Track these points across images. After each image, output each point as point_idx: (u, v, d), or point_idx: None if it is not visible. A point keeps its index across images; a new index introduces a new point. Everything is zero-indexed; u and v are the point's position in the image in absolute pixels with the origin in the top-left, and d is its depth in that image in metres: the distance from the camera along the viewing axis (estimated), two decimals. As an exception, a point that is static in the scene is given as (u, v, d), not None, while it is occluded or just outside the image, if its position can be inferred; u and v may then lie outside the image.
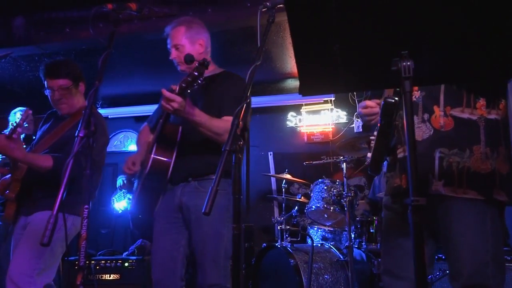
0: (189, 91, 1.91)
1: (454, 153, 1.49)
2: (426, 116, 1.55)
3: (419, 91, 1.58)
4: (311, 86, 1.31)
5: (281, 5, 1.74)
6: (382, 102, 1.52)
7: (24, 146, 2.66)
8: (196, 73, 1.87)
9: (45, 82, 2.49)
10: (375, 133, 1.73)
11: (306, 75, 1.28)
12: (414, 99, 1.58)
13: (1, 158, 3.84)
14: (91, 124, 1.47)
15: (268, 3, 1.73)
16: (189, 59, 2.00)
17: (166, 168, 2.08)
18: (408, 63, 1.12)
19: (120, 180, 2.48)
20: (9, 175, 2.50)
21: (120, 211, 3.03)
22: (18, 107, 4.06)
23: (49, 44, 3.95)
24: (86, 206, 1.41)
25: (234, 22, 3.58)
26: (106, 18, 3.62)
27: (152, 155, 2.07)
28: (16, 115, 3.98)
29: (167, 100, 1.90)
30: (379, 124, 1.62)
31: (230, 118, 1.83)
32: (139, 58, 4.59)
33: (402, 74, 1.12)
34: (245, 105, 1.44)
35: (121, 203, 2.83)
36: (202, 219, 2.06)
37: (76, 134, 1.44)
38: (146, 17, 3.27)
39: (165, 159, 2.09)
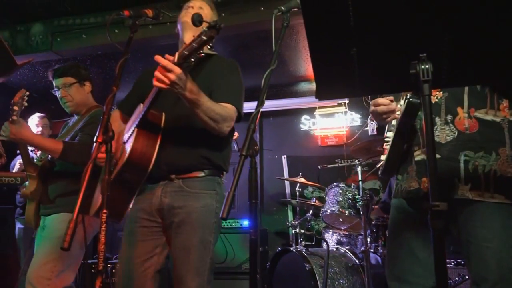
0: (192, 60, 1.51)
1: (480, 156, 1.46)
2: (449, 117, 1.52)
3: (442, 92, 1.55)
4: (328, 90, 1.30)
5: (295, 9, 1.74)
6: (406, 102, 1.49)
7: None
8: (204, 38, 1.46)
9: (54, 83, 2.59)
10: (389, 133, 1.71)
11: (323, 79, 1.27)
12: (436, 100, 1.56)
13: (19, 163, 3.92)
14: (109, 129, 1.48)
15: (282, 7, 1.72)
16: (197, 19, 1.56)
17: (147, 161, 1.69)
18: (427, 66, 1.10)
19: None
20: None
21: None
22: (35, 112, 4.14)
23: (66, 50, 4.01)
24: (105, 211, 1.41)
25: (247, 26, 3.59)
26: (122, 24, 3.69)
27: (131, 144, 1.69)
28: (33, 120, 4.06)
29: (163, 70, 1.51)
30: (397, 123, 1.59)
31: (227, 105, 1.77)
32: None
33: (421, 77, 1.11)
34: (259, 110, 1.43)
35: None
36: (186, 224, 1.74)
37: (94, 140, 1.45)
38: (160, 22, 3.31)
39: (146, 150, 1.70)
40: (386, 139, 1.73)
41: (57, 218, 2.37)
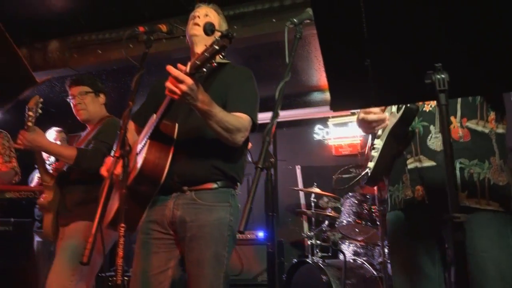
0: (204, 70, 1.48)
1: (475, 164, 1.47)
2: None
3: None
4: (343, 102, 1.30)
5: (307, 21, 1.74)
6: (404, 108, 1.51)
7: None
8: (216, 47, 1.42)
9: (69, 91, 2.63)
10: (377, 141, 1.70)
11: (337, 90, 1.27)
12: (430, 108, 1.57)
13: (37, 177, 3.99)
14: (126, 143, 1.50)
15: (295, 20, 1.72)
16: (209, 28, 1.53)
17: (160, 172, 1.67)
18: (443, 76, 1.09)
19: None
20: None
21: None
22: (53, 126, 4.22)
23: (82, 65, 4.10)
24: (122, 225, 1.42)
25: (259, 38, 3.62)
26: (136, 39, 3.75)
27: (144, 156, 1.67)
28: (51, 134, 4.14)
29: (175, 80, 1.49)
30: (391, 130, 1.59)
31: (242, 115, 1.75)
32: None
33: (436, 87, 1.10)
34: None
35: None
36: (199, 239, 1.71)
37: (112, 154, 1.47)
38: (174, 36, 3.36)
39: (159, 161, 1.69)
40: (374, 147, 1.72)
41: (76, 227, 2.38)
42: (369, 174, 1.71)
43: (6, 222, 4.27)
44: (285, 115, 5.30)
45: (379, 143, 1.67)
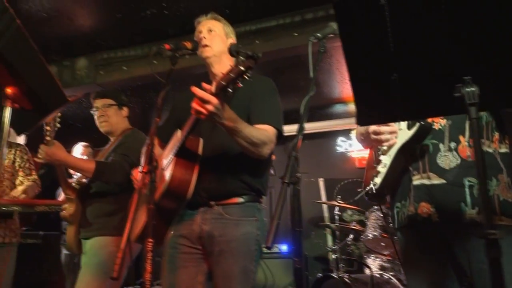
0: (230, 90, 1.47)
1: None
2: (453, 145, 1.54)
3: (445, 119, 1.58)
4: (369, 116, 1.29)
5: (331, 35, 1.74)
6: (418, 125, 1.54)
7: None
8: (242, 68, 1.41)
9: (93, 104, 2.67)
10: (383, 157, 1.68)
11: (364, 105, 1.26)
12: (440, 127, 1.57)
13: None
14: (153, 159, 1.52)
15: (318, 34, 1.72)
16: (235, 49, 1.52)
17: (186, 188, 1.69)
18: (473, 89, 1.08)
19: None
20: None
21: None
22: (79, 141, 4.33)
23: (108, 82, 4.21)
24: (150, 240, 1.43)
25: (281, 52, 3.65)
26: (160, 55, 3.83)
27: (170, 172, 1.69)
28: (78, 149, 4.24)
29: (201, 101, 1.49)
30: (401, 146, 1.59)
31: (267, 127, 1.75)
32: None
33: (466, 100, 1.08)
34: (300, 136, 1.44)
35: None
36: (227, 253, 1.71)
37: (140, 170, 1.50)
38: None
39: (185, 177, 1.70)
40: (381, 162, 1.70)
41: (96, 242, 2.39)
42: (375, 190, 1.69)
43: (35, 235, 4.38)
44: (307, 127, 5.18)
45: (386, 159, 1.66)
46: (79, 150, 4.21)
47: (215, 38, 1.93)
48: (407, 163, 1.61)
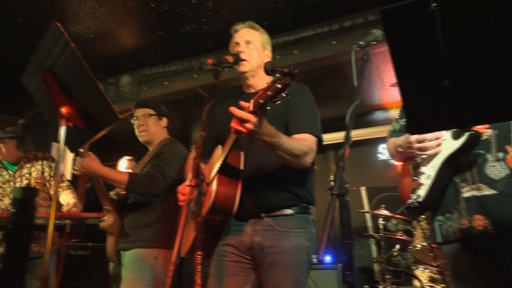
0: (268, 108, 1.47)
1: None
2: (500, 155, 1.50)
3: (491, 129, 1.53)
4: (421, 124, 1.26)
5: (374, 42, 1.72)
6: (468, 134, 1.50)
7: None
8: (279, 86, 1.40)
9: (133, 113, 2.70)
10: (424, 168, 1.62)
11: (414, 113, 1.23)
12: (486, 137, 1.53)
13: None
14: (200, 173, 1.55)
15: (361, 42, 1.70)
16: (270, 67, 1.53)
17: (231, 204, 1.70)
18: (534, 92, 1.03)
19: None
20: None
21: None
22: (124, 155, 4.48)
23: (151, 97, 4.33)
24: (199, 252, 1.45)
25: (320, 61, 3.63)
26: (200, 69, 3.92)
27: (214, 189, 1.70)
28: (123, 164, 4.39)
29: (241, 121, 1.50)
30: (448, 156, 1.54)
31: (306, 136, 1.74)
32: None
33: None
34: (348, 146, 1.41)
35: None
36: (278, 265, 1.70)
37: (187, 184, 1.52)
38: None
39: (229, 193, 1.71)
40: (424, 174, 1.63)
41: (134, 255, 2.39)
42: (418, 203, 1.62)
43: (84, 247, 4.54)
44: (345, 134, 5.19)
45: (430, 170, 1.61)
46: (124, 164, 4.36)
47: (252, 52, 1.94)
48: (452, 174, 1.56)
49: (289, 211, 1.77)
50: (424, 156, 1.65)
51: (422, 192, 1.62)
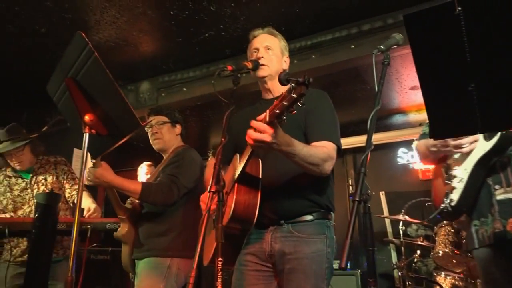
0: (284, 118, 1.46)
1: None
2: None
3: None
4: (445, 129, 1.24)
5: (395, 46, 1.70)
6: (500, 135, 1.46)
7: None
8: (294, 95, 1.39)
9: (147, 120, 2.67)
10: (456, 171, 1.57)
11: (438, 117, 1.21)
12: None
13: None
14: (220, 179, 1.55)
15: (382, 46, 1.68)
16: (285, 78, 1.52)
17: (251, 213, 1.70)
18: None
19: None
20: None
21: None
22: (143, 161, 4.53)
23: (170, 103, 4.38)
24: (220, 259, 1.45)
25: (338, 65, 3.61)
26: (218, 75, 3.94)
27: (234, 198, 1.71)
28: (143, 169, 4.44)
29: (257, 132, 1.50)
30: (481, 158, 1.51)
31: (326, 144, 1.73)
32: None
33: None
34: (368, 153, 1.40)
35: None
36: (298, 271, 1.70)
37: (208, 190, 1.52)
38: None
39: (249, 202, 1.71)
40: (455, 177, 1.59)
41: (146, 264, 2.37)
42: (451, 207, 1.59)
43: (104, 251, 4.60)
44: (365, 139, 5.15)
45: (462, 173, 1.58)
46: (143, 169, 4.42)
47: (272, 58, 1.94)
48: (486, 176, 1.53)
49: (308, 217, 1.77)
50: (458, 154, 1.61)
51: (455, 195, 1.60)
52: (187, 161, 2.50)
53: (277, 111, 1.43)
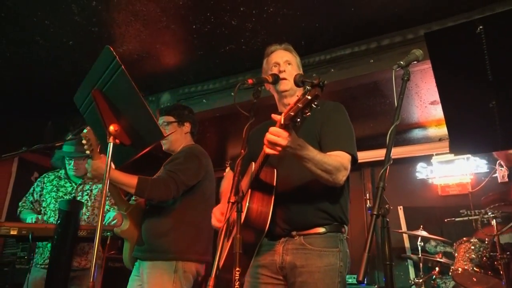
0: (298, 120, 1.45)
1: None
2: None
3: None
4: (464, 146, 1.25)
5: (414, 62, 1.71)
6: None
7: None
8: (309, 97, 1.38)
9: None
10: None
11: (458, 134, 1.22)
12: None
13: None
14: (239, 190, 1.57)
15: (402, 62, 1.69)
16: (300, 79, 1.52)
17: (263, 221, 1.69)
18: None
19: None
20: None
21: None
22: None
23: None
24: (238, 269, 1.47)
25: (357, 79, 3.62)
26: (240, 89, 3.99)
27: (247, 205, 1.69)
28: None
29: (272, 135, 1.50)
30: None
31: (340, 153, 1.72)
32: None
33: None
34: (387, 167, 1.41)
35: None
36: (310, 285, 1.68)
37: (228, 200, 1.54)
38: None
39: (262, 209, 1.71)
40: None
41: (152, 269, 2.32)
42: None
43: (120, 259, 4.65)
44: (384, 153, 5.11)
45: None
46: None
47: (293, 72, 1.96)
48: None
49: (321, 230, 1.76)
50: None
51: None
52: (188, 158, 2.47)
53: (292, 113, 1.43)
